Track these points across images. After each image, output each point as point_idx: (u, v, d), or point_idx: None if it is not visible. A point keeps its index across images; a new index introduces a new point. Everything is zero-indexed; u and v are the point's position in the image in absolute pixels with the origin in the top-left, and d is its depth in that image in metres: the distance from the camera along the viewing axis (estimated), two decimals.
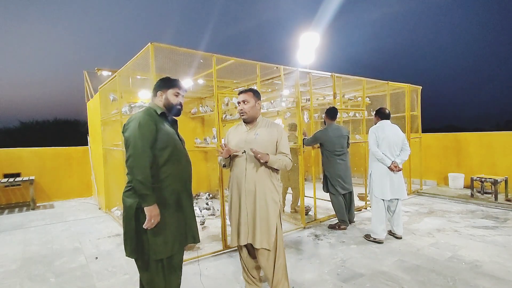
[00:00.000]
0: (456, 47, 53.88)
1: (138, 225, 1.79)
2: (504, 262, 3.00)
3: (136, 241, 1.80)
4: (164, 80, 2.02)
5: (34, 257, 3.50)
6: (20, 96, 48.89)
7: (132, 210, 1.78)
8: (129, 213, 1.79)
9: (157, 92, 1.98)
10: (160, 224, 1.79)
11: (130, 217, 1.79)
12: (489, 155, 6.30)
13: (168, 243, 1.83)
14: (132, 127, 1.78)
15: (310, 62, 9.71)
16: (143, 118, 1.80)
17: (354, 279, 2.74)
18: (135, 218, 1.79)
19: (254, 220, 2.26)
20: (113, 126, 5.12)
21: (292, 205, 4.94)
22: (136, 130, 1.75)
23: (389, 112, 3.85)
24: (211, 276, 2.86)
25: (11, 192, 6.25)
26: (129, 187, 1.84)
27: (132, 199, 1.80)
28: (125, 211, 1.83)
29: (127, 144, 1.78)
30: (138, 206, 1.77)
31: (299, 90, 4.28)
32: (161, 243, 1.80)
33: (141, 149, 1.72)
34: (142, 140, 1.73)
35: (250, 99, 2.32)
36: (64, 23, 53.52)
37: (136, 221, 1.79)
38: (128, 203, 1.81)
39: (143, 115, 1.83)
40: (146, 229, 1.77)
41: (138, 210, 1.78)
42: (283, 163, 2.28)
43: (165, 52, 3.29)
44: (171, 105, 1.98)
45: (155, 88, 2.01)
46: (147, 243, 1.79)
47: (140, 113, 1.88)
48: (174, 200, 1.88)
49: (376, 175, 3.67)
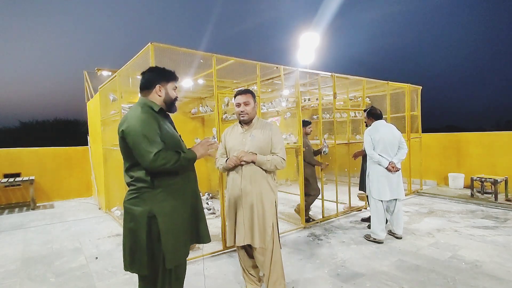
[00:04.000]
0: (456, 47, 53.90)
1: (150, 235, 1.60)
2: (504, 262, 3.00)
3: (148, 253, 1.61)
4: (162, 71, 1.79)
5: (34, 257, 3.49)
6: (20, 96, 48.91)
7: (143, 219, 1.60)
8: (140, 222, 1.60)
9: (155, 86, 1.73)
10: (174, 231, 1.66)
11: (141, 228, 1.59)
12: (489, 155, 6.29)
13: (179, 250, 1.69)
14: (136, 130, 1.57)
15: (310, 62, 9.71)
16: (146, 118, 1.60)
17: (354, 279, 2.74)
18: (148, 228, 1.60)
19: (250, 220, 2.28)
20: (113, 126, 5.11)
21: (298, 209, 4.45)
22: (139, 133, 1.56)
23: (381, 112, 3.83)
24: (211, 276, 2.86)
25: (11, 192, 6.24)
26: (135, 194, 1.64)
27: (141, 206, 1.61)
28: (133, 221, 1.62)
29: (135, 146, 1.57)
30: (150, 214, 1.60)
31: (299, 90, 4.28)
32: (173, 251, 1.65)
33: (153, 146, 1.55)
34: (149, 139, 1.56)
35: (251, 100, 2.34)
36: (64, 23, 53.55)
37: (148, 232, 1.60)
38: (137, 211, 1.61)
39: (143, 114, 1.62)
40: (158, 239, 1.61)
41: (150, 219, 1.60)
42: (273, 163, 2.28)
43: (165, 52, 3.29)
44: (171, 101, 1.79)
45: (149, 81, 1.74)
46: (159, 253, 1.63)
47: (135, 112, 1.64)
48: (188, 203, 1.76)
49: (374, 176, 3.67)
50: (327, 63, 45.17)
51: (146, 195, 1.63)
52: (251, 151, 2.29)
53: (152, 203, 1.62)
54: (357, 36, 57.54)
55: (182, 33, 64.94)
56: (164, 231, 1.62)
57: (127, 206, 1.66)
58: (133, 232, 1.63)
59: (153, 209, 1.61)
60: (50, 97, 54.52)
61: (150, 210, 1.60)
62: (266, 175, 2.32)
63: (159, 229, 1.61)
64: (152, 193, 1.63)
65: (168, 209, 1.65)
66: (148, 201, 1.62)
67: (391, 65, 59.20)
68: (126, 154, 1.67)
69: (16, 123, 25.40)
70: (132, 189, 1.67)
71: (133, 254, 1.63)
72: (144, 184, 1.63)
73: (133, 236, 1.62)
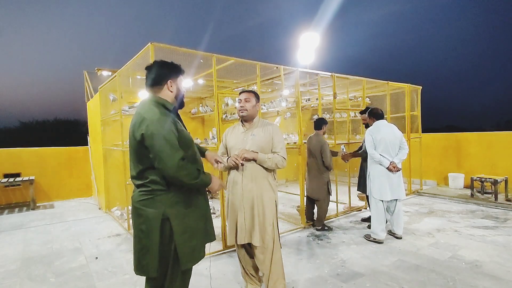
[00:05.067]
0: (456, 47, 53.92)
1: (162, 238, 1.59)
2: (504, 262, 3.00)
3: (159, 255, 1.60)
4: (171, 66, 1.73)
5: (34, 257, 3.49)
6: (20, 96, 48.91)
7: (157, 222, 1.57)
8: (153, 225, 1.57)
9: (166, 82, 1.68)
10: (190, 232, 1.66)
11: (154, 230, 1.57)
12: (489, 155, 6.29)
13: (196, 251, 1.69)
14: (159, 134, 1.53)
15: (310, 62, 9.72)
16: (162, 119, 1.57)
17: (354, 279, 2.74)
18: (161, 230, 1.58)
19: (251, 219, 2.29)
20: (113, 126, 5.11)
21: (317, 222, 4.14)
22: (162, 137, 1.53)
23: (383, 112, 3.83)
24: (211, 276, 2.85)
25: (11, 192, 6.24)
26: (149, 195, 1.61)
27: (155, 208, 1.58)
28: (145, 224, 1.59)
29: (159, 150, 1.53)
30: (164, 217, 1.58)
31: (299, 90, 4.28)
32: (190, 252, 1.65)
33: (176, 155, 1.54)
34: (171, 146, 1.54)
35: (252, 98, 2.38)
36: (65, 23, 53.55)
37: (162, 234, 1.58)
38: (151, 214, 1.58)
39: (161, 116, 1.58)
40: (170, 241, 1.61)
41: (164, 222, 1.58)
42: (274, 161, 2.30)
43: (165, 52, 3.29)
44: (181, 96, 1.75)
45: (160, 76, 1.68)
46: (171, 255, 1.62)
47: (153, 113, 1.59)
48: (200, 205, 1.76)
49: (375, 176, 3.67)
50: (327, 63, 45.21)
51: (160, 198, 1.61)
52: (252, 150, 2.29)
53: (165, 205, 1.60)
54: (357, 36, 57.57)
55: (182, 33, 64.97)
56: (179, 233, 1.61)
57: (138, 207, 1.63)
58: (145, 234, 1.60)
59: (166, 211, 1.59)
60: (50, 97, 54.55)
61: (164, 213, 1.59)
62: (267, 174, 2.33)
63: (171, 232, 1.60)
64: (167, 196, 1.61)
65: (182, 211, 1.64)
66: (162, 204, 1.60)
67: (391, 65, 59.24)
68: (141, 156, 1.62)
69: (16, 123, 25.46)
70: (145, 190, 1.63)
71: (142, 256, 1.61)
72: (159, 186, 1.61)
73: (144, 238, 1.60)
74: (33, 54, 51.90)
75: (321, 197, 4.05)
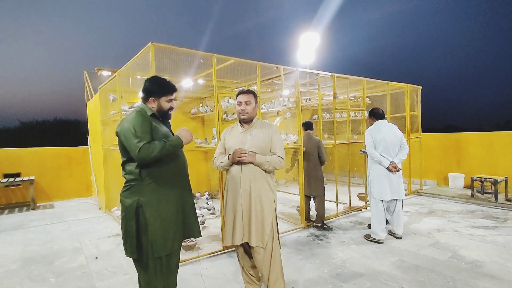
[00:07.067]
0: (456, 47, 53.88)
1: (138, 224, 1.78)
2: (504, 262, 3.00)
3: (137, 240, 1.80)
4: (157, 85, 1.92)
5: (34, 257, 3.50)
6: (20, 96, 48.87)
7: (132, 209, 1.77)
8: (129, 212, 1.78)
9: (149, 98, 1.91)
10: (161, 220, 1.80)
11: (131, 217, 1.78)
12: (489, 155, 6.29)
13: (168, 240, 1.82)
14: (127, 128, 1.74)
15: (310, 62, 9.72)
16: (137, 119, 1.77)
17: (354, 279, 2.74)
18: (136, 217, 1.78)
19: (249, 219, 2.28)
20: (113, 126, 5.11)
21: (317, 219, 4.22)
22: (128, 130, 1.73)
23: (383, 112, 3.83)
24: (211, 276, 2.86)
25: (11, 192, 6.24)
26: (127, 186, 1.83)
27: (131, 198, 1.79)
28: (124, 211, 1.81)
29: (126, 141, 1.75)
30: (138, 205, 1.77)
31: (299, 90, 4.28)
32: (161, 240, 1.79)
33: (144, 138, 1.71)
34: (142, 132, 1.73)
35: (252, 100, 2.37)
36: (64, 23, 53.53)
37: (137, 220, 1.78)
38: (128, 203, 1.80)
39: (136, 116, 1.80)
40: (146, 227, 1.77)
41: (138, 209, 1.78)
42: (272, 163, 2.30)
43: (165, 52, 3.29)
44: (163, 112, 1.94)
45: (147, 91, 1.92)
46: (148, 241, 1.79)
47: (130, 115, 1.83)
48: (175, 196, 1.88)
49: (375, 176, 3.67)
50: (327, 63, 45.11)
51: (135, 187, 1.80)
52: (251, 150, 2.29)
53: (140, 194, 1.79)
54: (357, 36, 57.49)
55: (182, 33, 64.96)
56: (151, 220, 1.78)
57: (121, 198, 1.85)
58: (124, 220, 1.82)
59: (140, 200, 1.78)
60: (50, 97, 54.42)
61: (138, 201, 1.77)
62: (266, 175, 2.33)
63: (146, 219, 1.77)
64: (141, 185, 1.79)
65: (154, 200, 1.80)
66: (137, 193, 1.79)
67: (391, 65, 59.16)
68: (122, 152, 1.86)
69: (16, 123, 25.37)
70: (126, 182, 1.84)
71: (125, 240, 1.82)
72: (134, 176, 1.80)
73: (125, 225, 1.81)
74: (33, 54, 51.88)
75: (319, 193, 4.19)
